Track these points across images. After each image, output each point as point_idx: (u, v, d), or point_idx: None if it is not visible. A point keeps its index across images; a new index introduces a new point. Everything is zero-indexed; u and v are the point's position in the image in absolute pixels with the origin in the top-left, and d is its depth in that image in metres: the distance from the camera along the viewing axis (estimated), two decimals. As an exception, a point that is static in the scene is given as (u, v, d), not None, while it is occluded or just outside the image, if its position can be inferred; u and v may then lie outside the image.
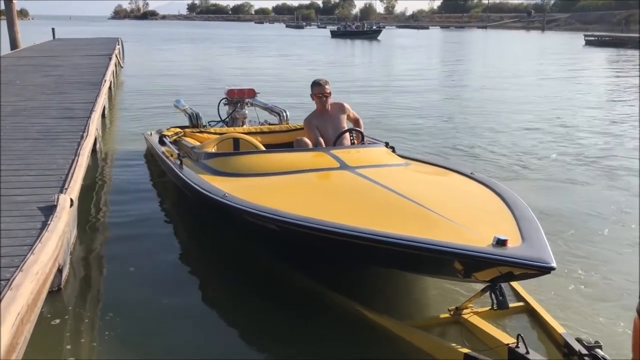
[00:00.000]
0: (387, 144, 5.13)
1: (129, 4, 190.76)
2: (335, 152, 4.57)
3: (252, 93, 7.03)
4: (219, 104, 7.04)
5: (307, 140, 5.05)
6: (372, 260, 3.42)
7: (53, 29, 26.19)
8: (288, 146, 5.46)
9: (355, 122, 5.39)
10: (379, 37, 56.61)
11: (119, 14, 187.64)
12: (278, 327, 3.45)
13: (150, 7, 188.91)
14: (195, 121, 6.75)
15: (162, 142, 6.07)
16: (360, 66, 24.93)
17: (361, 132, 5.23)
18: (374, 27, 62.45)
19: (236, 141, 5.42)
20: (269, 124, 6.72)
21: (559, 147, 8.37)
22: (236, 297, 3.86)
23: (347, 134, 5.15)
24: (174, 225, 5.19)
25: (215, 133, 6.05)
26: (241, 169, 4.41)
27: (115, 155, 7.68)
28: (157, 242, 4.74)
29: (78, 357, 3.14)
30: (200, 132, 6.19)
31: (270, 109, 7.37)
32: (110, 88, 11.61)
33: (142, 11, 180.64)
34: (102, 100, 8.71)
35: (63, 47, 20.00)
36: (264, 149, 5.24)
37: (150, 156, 7.18)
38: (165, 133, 6.30)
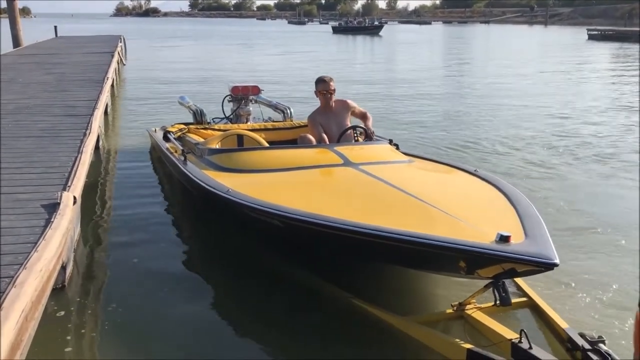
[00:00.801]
0: (391, 141, 5.12)
1: (131, 1, 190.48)
2: (338, 148, 4.56)
3: (256, 90, 7.03)
4: (223, 100, 7.05)
5: (310, 137, 5.05)
6: (375, 256, 3.42)
7: (55, 27, 26.13)
8: (292, 143, 5.45)
9: (362, 116, 5.34)
10: (380, 33, 56.52)
11: (121, 12, 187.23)
12: (279, 324, 3.45)
13: (152, 5, 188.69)
14: (199, 118, 6.77)
15: (166, 138, 6.08)
16: (361, 63, 24.85)
17: (365, 129, 5.21)
18: (376, 23, 62.34)
19: (240, 138, 5.42)
20: (273, 121, 6.71)
21: (564, 144, 8.32)
22: (237, 294, 3.87)
23: (351, 131, 5.14)
24: (177, 221, 5.20)
25: (219, 130, 6.06)
26: (245, 165, 4.41)
27: (119, 153, 7.69)
28: (160, 239, 4.74)
29: (82, 353, 3.15)
30: (205, 128, 6.20)
31: (274, 106, 7.38)
32: (112, 85, 11.61)
33: (144, 8, 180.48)
34: (105, 97, 8.71)
35: (65, 44, 20.00)
36: (267, 145, 5.24)
37: (154, 152, 7.19)
38: (170, 129, 6.33)
